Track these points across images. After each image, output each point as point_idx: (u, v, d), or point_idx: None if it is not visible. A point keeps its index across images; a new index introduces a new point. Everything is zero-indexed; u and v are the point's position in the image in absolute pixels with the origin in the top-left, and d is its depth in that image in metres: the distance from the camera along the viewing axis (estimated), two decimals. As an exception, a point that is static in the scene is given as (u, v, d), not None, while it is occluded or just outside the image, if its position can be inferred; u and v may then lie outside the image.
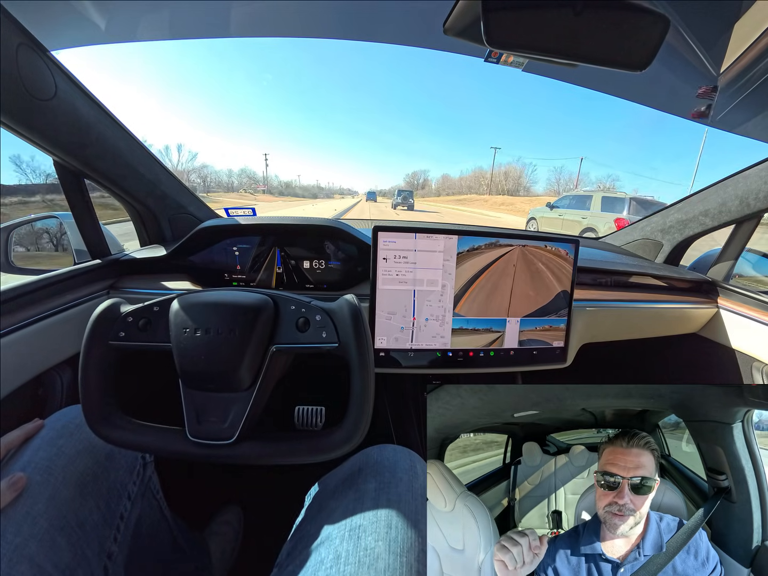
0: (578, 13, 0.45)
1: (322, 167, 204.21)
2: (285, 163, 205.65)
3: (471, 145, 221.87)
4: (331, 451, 0.41)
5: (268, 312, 0.42)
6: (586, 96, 41.48)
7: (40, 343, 0.60)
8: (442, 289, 0.71)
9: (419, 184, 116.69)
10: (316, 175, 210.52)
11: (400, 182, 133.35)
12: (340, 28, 0.82)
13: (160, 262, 0.80)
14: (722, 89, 0.72)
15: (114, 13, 0.68)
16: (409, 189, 41.24)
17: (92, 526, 0.44)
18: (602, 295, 0.92)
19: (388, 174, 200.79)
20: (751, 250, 1.14)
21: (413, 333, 0.72)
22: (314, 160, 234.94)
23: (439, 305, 0.72)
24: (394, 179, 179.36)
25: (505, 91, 71.45)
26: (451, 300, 0.72)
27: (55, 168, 0.69)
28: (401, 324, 0.71)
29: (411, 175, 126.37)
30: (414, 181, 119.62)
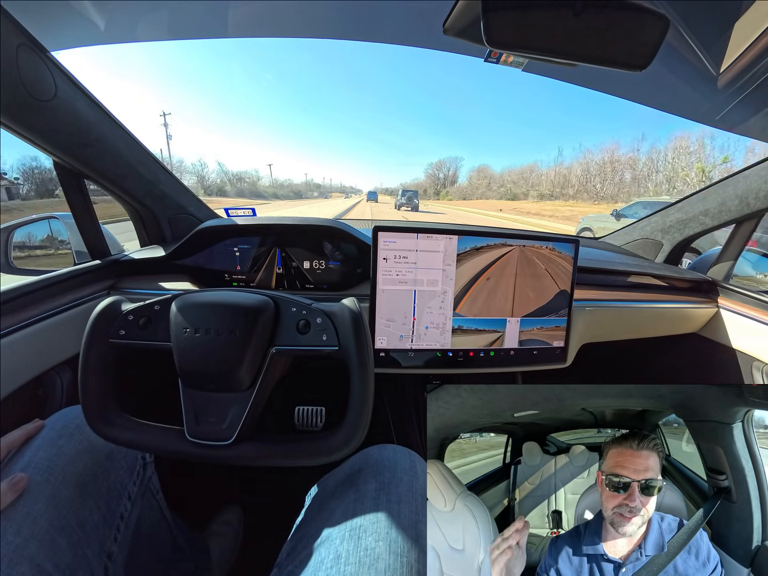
0: (578, 13, 0.45)
1: (321, 165, 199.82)
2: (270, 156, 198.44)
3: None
4: (329, 455, 0.41)
5: (269, 313, 0.42)
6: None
7: (40, 343, 0.60)
8: (442, 289, 0.71)
9: (446, 177, 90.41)
10: (309, 171, 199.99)
11: (420, 176, 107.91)
12: (340, 28, 0.82)
13: (160, 263, 0.80)
14: (722, 89, 0.72)
15: (114, 14, 0.68)
16: (414, 189, 39.66)
17: (92, 526, 0.44)
18: (602, 295, 0.92)
19: (394, 169, 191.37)
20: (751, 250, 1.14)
21: (413, 333, 0.72)
22: (312, 157, 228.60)
23: (440, 305, 0.72)
24: (402, 175, 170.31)
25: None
26: (452, 300, 0.72)
27: (55, 168, 0.69)
28: (401, 324, 0.71)
29: (435, 165, 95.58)
30: (437, 174, 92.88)
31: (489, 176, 73.28)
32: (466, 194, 76.10)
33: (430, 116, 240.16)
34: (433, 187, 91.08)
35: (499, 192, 64.72)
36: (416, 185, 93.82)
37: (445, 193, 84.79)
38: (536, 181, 58.39)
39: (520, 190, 59.53)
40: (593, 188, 44.31)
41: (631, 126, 64.27)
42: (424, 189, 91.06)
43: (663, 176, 35.16)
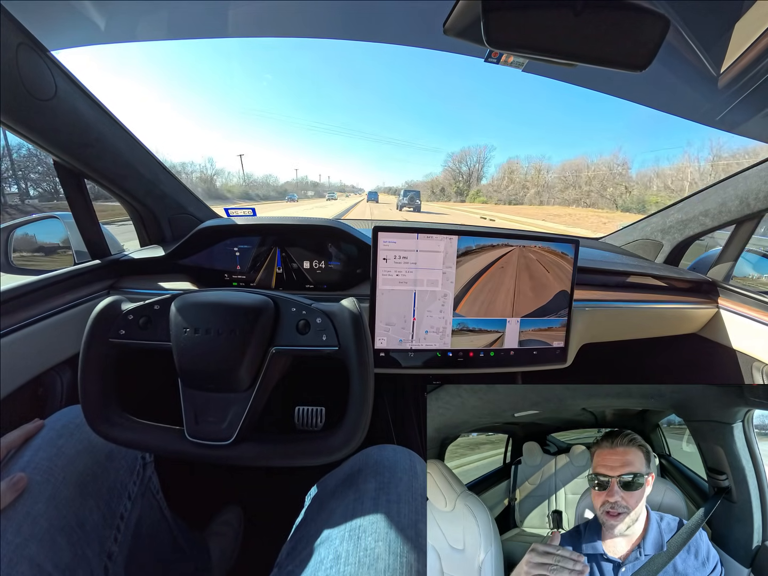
0: (578, 13, 0.45)
1: (320, 164, 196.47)
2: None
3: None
4: (329, 455, 0.41)
5: (269, 313, 0.42)
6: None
7: (40, 343, 0.60)
8: (442, 289, 0.71)
9: (470, 170, 67.10)
10: (302, 167, 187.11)
11: (436, 170, 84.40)
12: (340, 28, 0.82)
13: (159, 263, 0.80)
14: (722, 89, 0.72)
15: (114, 13, 0.68)
16: (416, 190, 37.28)
17: (92, 526, 0.44)
18: (602, 295, 0.92)
19: (399, 166, 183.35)
20: (751, 250, 1.14)
21: (413, 333, 0.72)
22: (311, 154, 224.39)
23: (440, 306, 0.72)
24: (412, 171, 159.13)
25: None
26: (452, 300, 0.72)
27: (55, 168, 0.69)
28: (401, 324, 0.71)
29: (459, 155, 72.75)
30: (456, 168, 70.39)
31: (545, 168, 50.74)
32: (513, 196, 48.62)
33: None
34: (455, 185, 69.88)
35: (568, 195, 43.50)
36: (428, 184, 75.96)
37: (474, 193, 61.62)
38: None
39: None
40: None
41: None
42: (442, 188, 70.89)
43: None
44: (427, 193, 63.44)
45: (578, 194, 44.35)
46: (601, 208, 38.99)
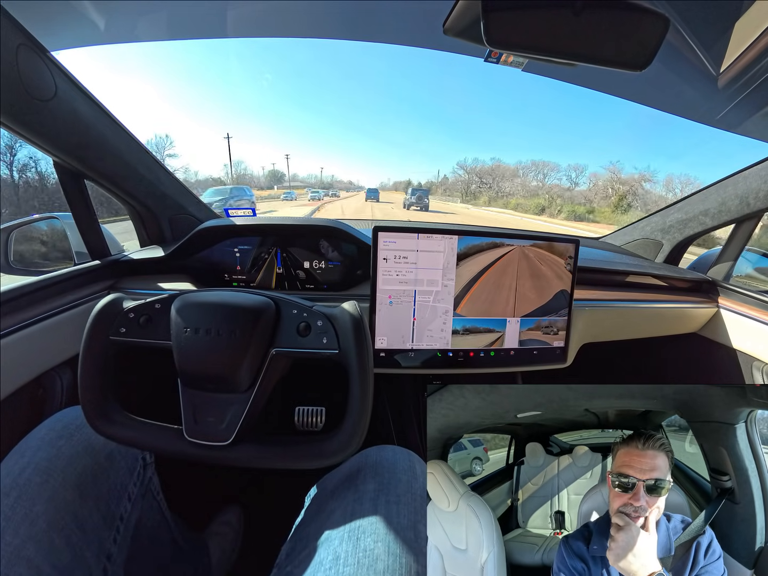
0: (578, 13, 0.45)
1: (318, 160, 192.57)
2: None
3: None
4: (326, 459, 0.41)
5: (270, 314, 0.42)
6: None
7: (40, 343, 0.60)
8: (442, 289, 0.71)
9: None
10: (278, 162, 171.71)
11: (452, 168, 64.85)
12: (340, 28, 0.82)
13: (159, 263, 0.80)
14: (722, 89, 0.72)
15: (114, 14, 0.67)
16: (426, 188, 35.90)
17: (92, 527, 0.44)
18: (602, 295, 0.92)
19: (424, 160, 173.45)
20: (751, 249, 1.14)
21: (413, 333, 0.72)
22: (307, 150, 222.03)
23: (440, 306, 0.72)
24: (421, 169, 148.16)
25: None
26: (452, 300, 0.72)
27: (55, 168, 0.69)
28: (402, 324, 0.71)
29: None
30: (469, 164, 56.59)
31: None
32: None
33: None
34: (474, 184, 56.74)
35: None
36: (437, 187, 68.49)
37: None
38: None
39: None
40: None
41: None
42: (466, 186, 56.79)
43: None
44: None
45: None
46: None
